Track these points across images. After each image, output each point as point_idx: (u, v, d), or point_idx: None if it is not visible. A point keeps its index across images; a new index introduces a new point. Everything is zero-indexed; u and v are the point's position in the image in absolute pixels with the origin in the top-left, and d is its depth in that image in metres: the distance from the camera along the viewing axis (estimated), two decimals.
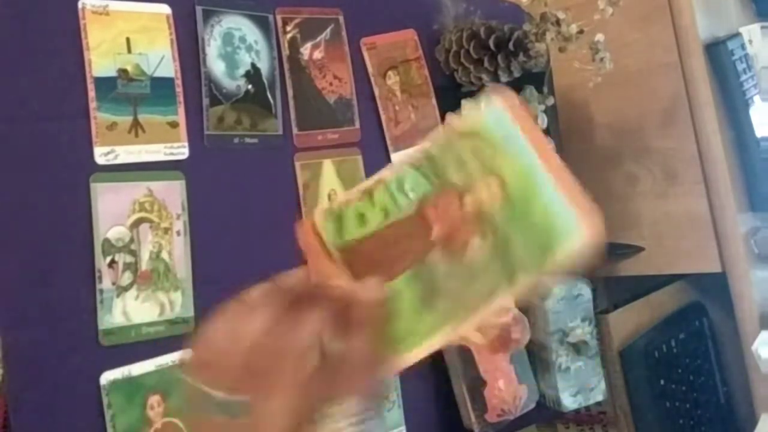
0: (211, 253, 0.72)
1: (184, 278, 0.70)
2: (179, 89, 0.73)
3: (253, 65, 0.79)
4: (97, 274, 0.65)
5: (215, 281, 0.72)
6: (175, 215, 0.71)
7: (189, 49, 0.74)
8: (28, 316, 0.61)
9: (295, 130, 0.82)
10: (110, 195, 0.67)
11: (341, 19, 0.88)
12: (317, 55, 0.85)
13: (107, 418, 0.64)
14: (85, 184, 0.66)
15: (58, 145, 0.65)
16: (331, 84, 0.86)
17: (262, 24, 0.80)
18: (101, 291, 0.65)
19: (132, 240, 0.68)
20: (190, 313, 0.70)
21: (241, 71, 0.78)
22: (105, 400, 0.64)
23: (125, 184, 0.68)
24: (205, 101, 0.75)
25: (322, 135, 0.84)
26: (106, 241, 0.66)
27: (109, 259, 0.66)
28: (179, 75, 0.73)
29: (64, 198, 0.65)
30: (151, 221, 0.69)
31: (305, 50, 0.84)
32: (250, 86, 0.78)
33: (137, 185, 0.69)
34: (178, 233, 0.71)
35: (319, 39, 0.86)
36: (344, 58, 0.88)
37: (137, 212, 0.68)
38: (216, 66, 0.76)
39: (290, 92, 0.82)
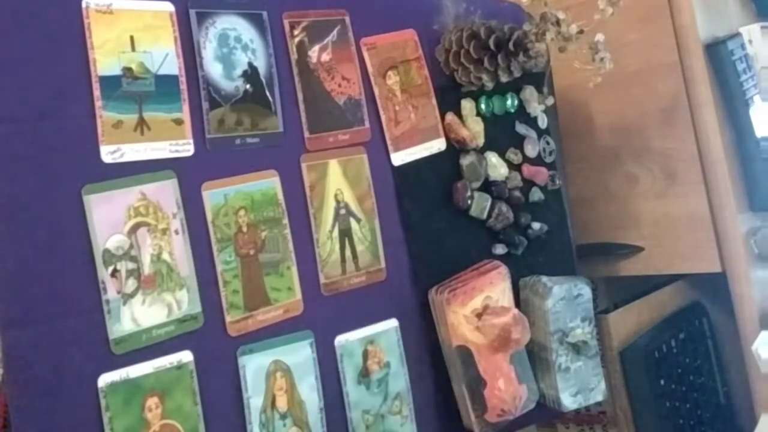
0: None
1: (188, 275, 0.71)
2: (183, 86, 0.73)
3: (250, 64, 0.79)
4: (101, 285, 0.65)
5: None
6: (171, 214, 0.70)
7: (190, 48, 0.75)
8: (29, 319, 0.61)
9: (306, 134, 0.82)
10: (104, 205, 0.66)
11: (347, 19, 0.88)
12: (325, 57, 0.85)
13: (105, 420, 0.64)
14: (78, 197, 0.65)
15: (64, 145, 0.65)
16: (339, 85, 0.86)
17: (257, 22, 0.80)
18: (107, 301, 0.65)
19: (132, 246, 0.67)
20: (198, 308, 0.71)
21: (239, 71, 0.78)
22: (103, 402, 0.64)
23: (117, 192, 0.67)
24: (205, 105, 0.74)
25: (333, 137, 0.84)
26: (106, 251, 0.66)
27: (111, 269, 0.66)
28: (183, 72, 0.73)
29: (63, 207, 0.64)
30: (148, 224, 0.69)
31: (313, 53, 0.84)
32: (248, 86, 0.78)
33: (129, 191, 0.68)
34: (177, 232, 0.70)
35: (326, 41, 0.86)
36: (352, 59, 0.88)
37: (133, 218, 0.68)
38: (213, 68, 0.76)
39: (300, 96, 0.82)
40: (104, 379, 0.64)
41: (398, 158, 0.90)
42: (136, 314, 0.67)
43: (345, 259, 0.83)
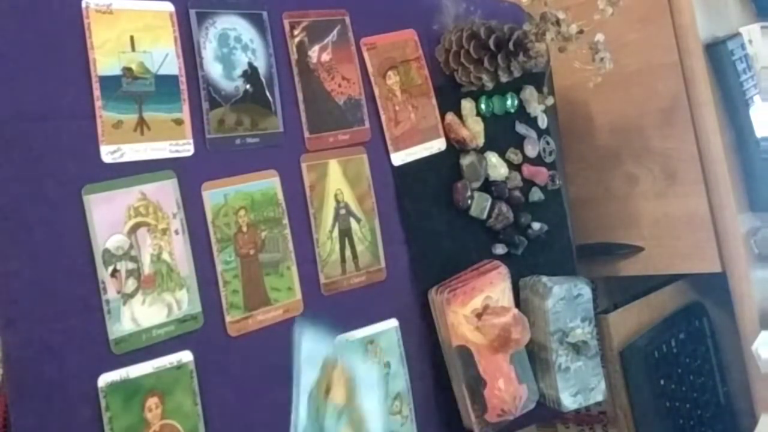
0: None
1: (188, 275, 0.71)
2: (183, 86, 0.73)
3: (250, 64, 0.79)
4: (101, 285, 0.65)
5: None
6: (171, 214, 0.70)
7: (190, 48, 0.75)
8: (29, 319, 0.61)
9: (306, 134, 0.82)
10: (104, 205, 0.66)
11: (347, 19, 0.88)
12: (325, 57, 0.85)
13: (105, 420, 0.64)
14: (78, 197, 0.65)
15: (64, 145, 0.65)
16: (339, 85, 0.86)
17: (257, 22, 0.80)
18: (107, 301, 0.65)
19: (132, 246, 0.67)
20: (198, 308, 0.71)
21: (239, 72, 0.78)
22: (103, 402, 0.64)
23: (117, 192, 0.67)
24: (205, 105, 0.74)
25: (333, 137, 0.84)
26: (106, 251, 0.66)
27: (111, 269, 0.66)
28: (183, 72, 0.73)
29: (63, 208, 0.64)
30: (148, 224, 0.69)
31: (313, 53, 0.84)
32: (248, 86, 0.78)
33: (129, 191, 0.68)
34: (177, 232, 0.70)
35: (326, 41, 0.86)
36: (352, 59, 0.88)
37: (133, 218, 0.68)
38: (213, 68, 0.76)
39: (300, 96, 0.82)
40: (104, 379, 0.64)
41: (398, 158, 0.90)
42: (136, 314, 0.67)
43: (345, 259, 0.83)
